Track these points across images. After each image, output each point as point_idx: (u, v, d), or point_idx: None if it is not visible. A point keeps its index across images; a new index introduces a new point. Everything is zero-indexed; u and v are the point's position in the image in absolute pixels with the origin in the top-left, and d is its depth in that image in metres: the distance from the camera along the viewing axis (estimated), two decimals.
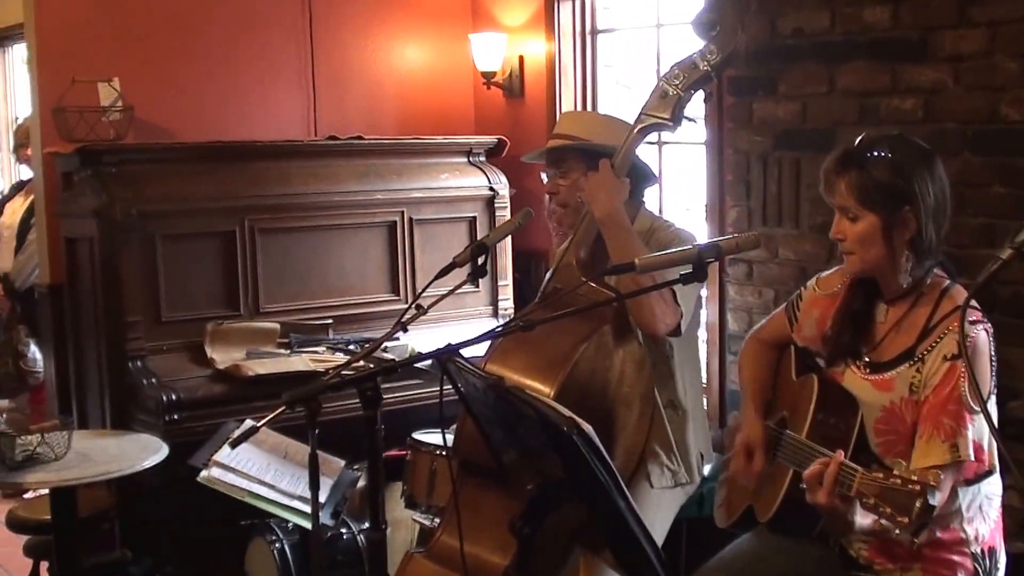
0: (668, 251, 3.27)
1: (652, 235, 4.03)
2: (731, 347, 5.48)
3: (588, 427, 2.66)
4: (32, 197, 6.98)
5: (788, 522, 3.34)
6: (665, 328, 3.81)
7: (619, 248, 3.77)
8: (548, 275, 4.13)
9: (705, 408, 4.45)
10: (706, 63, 3.77)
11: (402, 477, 4.82)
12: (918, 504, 2.68)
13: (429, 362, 3.54)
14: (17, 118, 10.09)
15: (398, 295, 6.22)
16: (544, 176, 4.27)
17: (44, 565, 5.58)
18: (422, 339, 5.35)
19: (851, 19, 4.87)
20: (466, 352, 3.11)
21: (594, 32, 6.65)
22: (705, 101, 3.89)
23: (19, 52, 10.08)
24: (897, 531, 2.74)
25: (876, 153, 3.22)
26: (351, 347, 5.76)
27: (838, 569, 3.35)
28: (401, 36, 7.13)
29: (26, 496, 6.16)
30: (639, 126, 3.86)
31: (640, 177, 4.13)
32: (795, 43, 5.08)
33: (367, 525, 4.81)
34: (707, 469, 4.24)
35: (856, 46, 4.86)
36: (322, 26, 6.83)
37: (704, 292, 4.90)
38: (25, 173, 8.18)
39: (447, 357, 3.09)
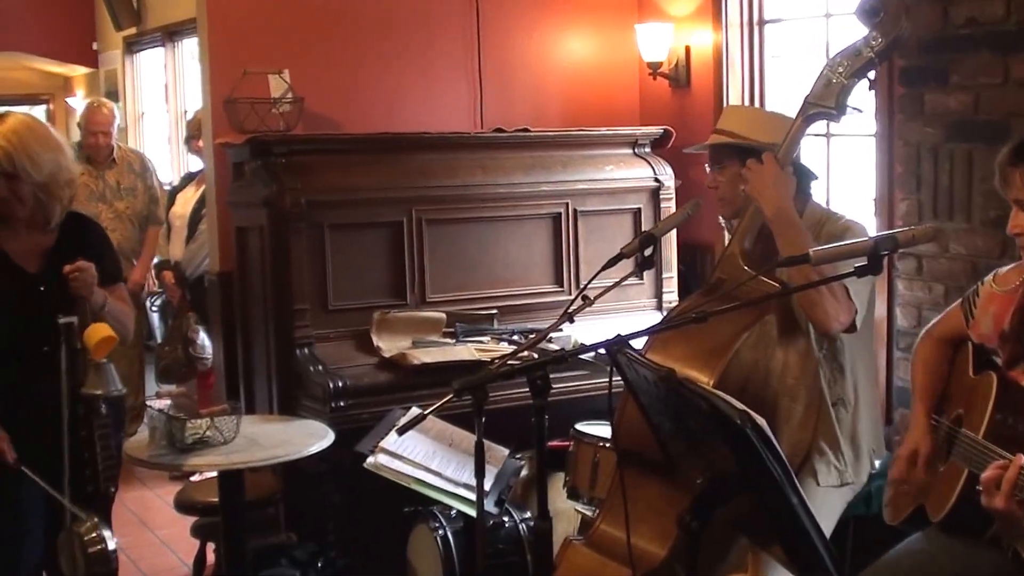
0: (843, 243, 3.24)
1: (822, 228, 3.98)
2: (899, 343, 5.37)
3: (762, 420, 2.63)
4: (203, 187, 7.12)
5: (961, 523, 3.27)
6: (839, 326, 3.77)
7: (789, 244, 3.73)
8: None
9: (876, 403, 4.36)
10: (870, 50, 3.74)
11: (565, 468, 4.83)
12: None
13: (594, 353, 3.54)
14: (186, 111, 10.32)
15: (562, 286, 6.21)
16: (708, 168, 4.26)
17: (210, 546, 5.71)
18: (585, 330, 5.35)
19: None
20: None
21: (762, 22, 6.57)
22: (870, 89, 3.84)
23: (188, 47, 10.32)
24: None
25: None
26: (516, 337, 5.77)
27: (1012, 575, 3.28)
28: (567, 27, 7.13)
29: (193, 479, 6.28)
30: (803, 115, 3.83)
31: (803, 173, 4.10)
32: (968, 33, 4.98)
33: (529, 514, 4.85)
34: (877, 464, 4.18)
35: None
36: (489, 19, 6.85)
37: None
38: (195, 164, 8.35)
39: (617, 348, 3.08)
